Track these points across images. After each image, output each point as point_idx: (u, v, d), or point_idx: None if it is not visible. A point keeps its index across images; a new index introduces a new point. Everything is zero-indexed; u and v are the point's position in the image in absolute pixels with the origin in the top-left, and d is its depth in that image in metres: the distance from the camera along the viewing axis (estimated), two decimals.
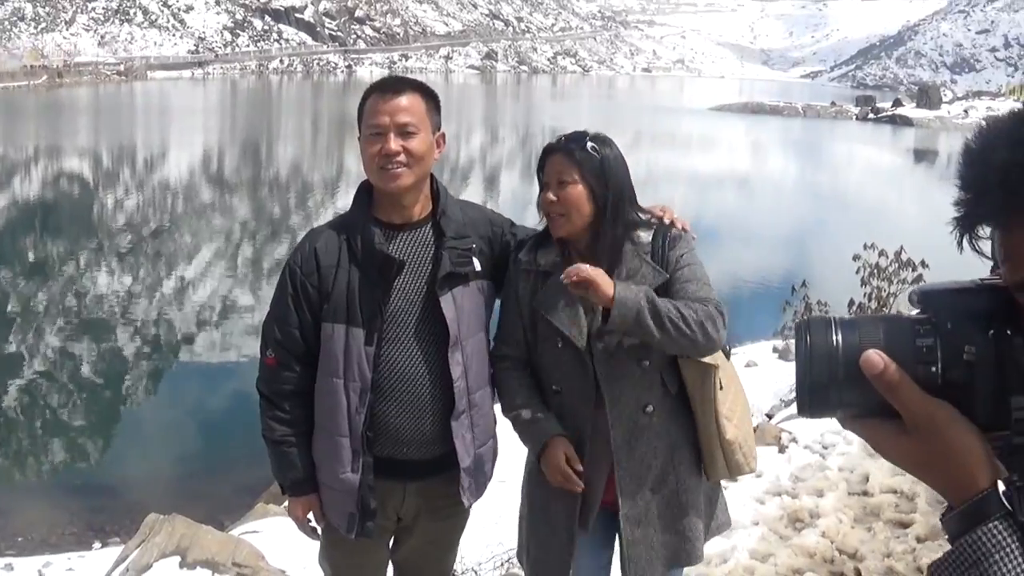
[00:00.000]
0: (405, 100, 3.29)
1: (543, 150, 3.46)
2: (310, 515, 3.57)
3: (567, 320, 3.35)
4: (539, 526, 3.56)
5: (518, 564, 5.90)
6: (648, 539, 3.44)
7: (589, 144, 3.32)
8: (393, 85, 3.36)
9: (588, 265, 3.15)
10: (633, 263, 3.32)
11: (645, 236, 3.36)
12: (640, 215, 3.42)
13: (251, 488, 9.31)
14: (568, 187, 3.29)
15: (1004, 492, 1.08)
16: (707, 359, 3.34)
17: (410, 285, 3.35)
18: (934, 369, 1.14)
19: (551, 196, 3.31)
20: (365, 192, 3.47)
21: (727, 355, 3.50)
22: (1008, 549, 1.04)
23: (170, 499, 9.33)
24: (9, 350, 15.35)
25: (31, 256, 23.35)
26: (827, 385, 1.16)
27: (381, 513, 3.44)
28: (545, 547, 3.56)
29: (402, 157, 3.24)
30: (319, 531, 3.61)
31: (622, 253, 3.34)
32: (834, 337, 1.16)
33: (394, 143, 3.24)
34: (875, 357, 1.13)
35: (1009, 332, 1.12)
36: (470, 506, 3.59)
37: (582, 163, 3.29)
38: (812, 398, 1.17)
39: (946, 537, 1.12)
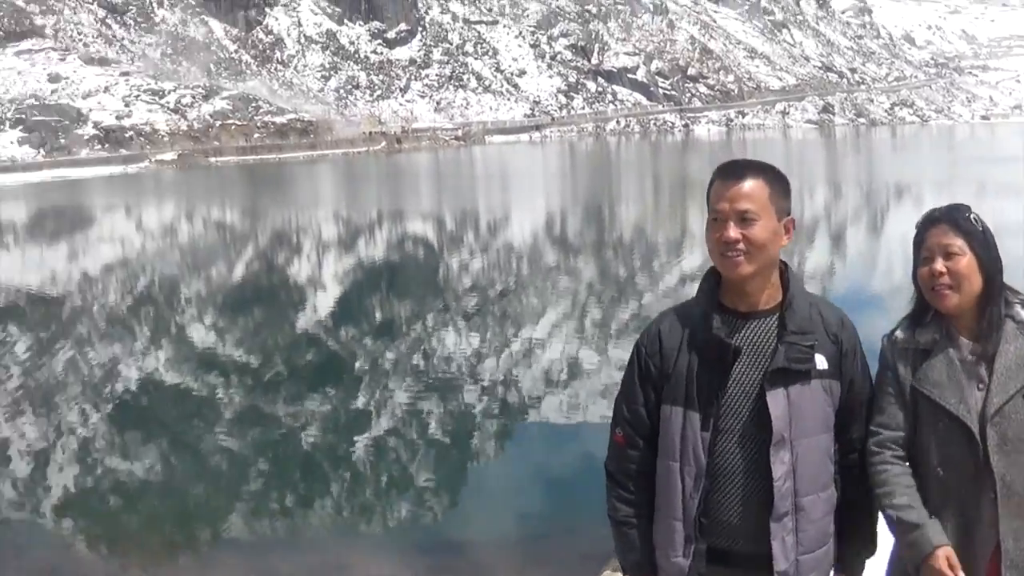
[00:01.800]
0: (747, 186, 3.31)
1: (922, 222, 3.40)
2: None
3: (954, 399, 3.27)
4: None
5: None
6: None
7: (972, 215, 3.28)
8: (735, 171, 3.38)
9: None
10: (1018, 342, 3.23)
11: (1022, 312, 3.16)
12: (1008, 290, 3.32)
13: (596, 555, 9.19)
14: (957, 259, 3.11)
15: None
16: None
17: (747, 375, 3.36)
18: None
19: (940, 268, 3.12)
20: (713, 277, 3.50)
21: None
22: None
23: (515, 563, 9.38)
24: (357, 406, 16.03)
25: (378, 316, 24.55)
26: None
27: None
28: None
29: (741, 245, 3.28)
30: None
31: (1003, 331, 3.24)
32: None
33: (733, 231, 3.28)
34: None
35: None
36: None
37: (969, 233, 3.13)
38: None
39: None
